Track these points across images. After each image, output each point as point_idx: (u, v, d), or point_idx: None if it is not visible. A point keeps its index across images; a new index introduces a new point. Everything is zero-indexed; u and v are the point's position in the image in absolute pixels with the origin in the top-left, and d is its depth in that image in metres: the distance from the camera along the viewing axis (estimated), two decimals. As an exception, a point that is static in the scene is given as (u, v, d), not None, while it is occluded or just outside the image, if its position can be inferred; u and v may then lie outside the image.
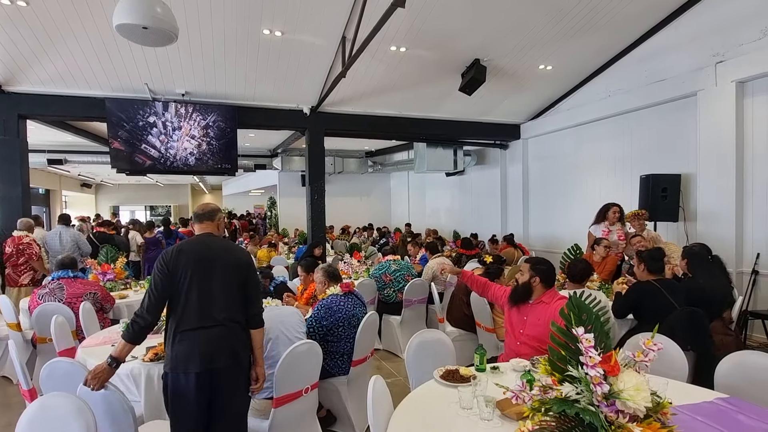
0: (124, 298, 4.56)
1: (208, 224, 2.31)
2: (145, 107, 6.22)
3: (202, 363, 2.04)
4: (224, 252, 2.25)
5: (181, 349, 2.06)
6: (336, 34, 5.28)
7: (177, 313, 2.11)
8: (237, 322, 2.18)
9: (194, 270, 2.12)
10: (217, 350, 2.08)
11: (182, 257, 2.14)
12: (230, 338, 2.14)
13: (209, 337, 2.08)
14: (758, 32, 4.84)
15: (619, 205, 5.28)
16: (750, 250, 5.05)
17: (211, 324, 2.10)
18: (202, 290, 2.11)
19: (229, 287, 2.17)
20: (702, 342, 2.96)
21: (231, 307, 2.16)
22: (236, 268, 2.22)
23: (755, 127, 5.01)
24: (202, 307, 2.10)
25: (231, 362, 2.12)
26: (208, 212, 2.33)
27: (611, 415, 1.34)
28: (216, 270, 2.17)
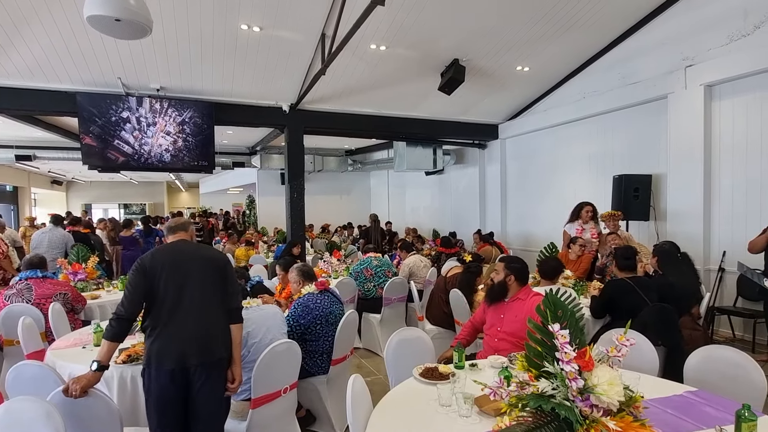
0: (97, 298, 4.43)
1: (182, 234, 2.39)
2: (118, 102, 6.04)
3: (177, 360, 2.08)
4: (198, 252, 2.32)
5: (157, 346, 2.11)
6: (315, 30, 5.23)
7: (154, 312, 2.15)
8: (214, 320, 2.22)
9: (170, 269, 2.17)
10: (191, 348, 2.11)
11: (158, 257, 2.19)
12: (206, 336, 2.17)
13: (184, 334, 2.13)
14: (725, 38, 5.03)
15: (592, 204, 5.42)
16: (717, 248, 5.25)
17: (187, 321, 2.14)
18: (178, 289, 2.15)
19: (204, 285, 2.22)
20: (672, 337, 3.06)
21: (208, 306, 2.21)
22: (211, 267, 2.27)
23: (722, 130, 5.21)
24: (178, 305, 2.14)
25: (206, 360, 2.14)
26: (181, 224, 2.43)
27: (586, 409, 1.37)
28: (191, 269, 2.21)
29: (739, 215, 5.04)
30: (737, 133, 5.06)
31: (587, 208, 5.37)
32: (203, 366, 2.13)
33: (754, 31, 4.78)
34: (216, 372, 2.19)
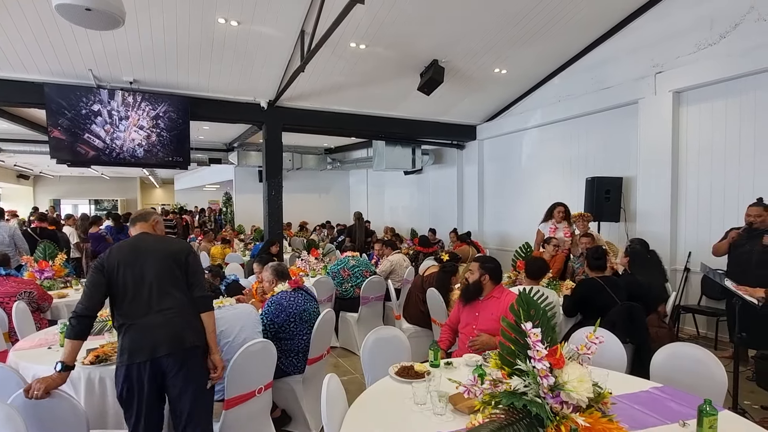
0: (64, 297, 4.28)
1: (143, 225, 2.40)
2: (89, 94, 5.84)
3: (149, 352, 2.07)
4: (156, 244, 2.31)
5: (127, 342, 2.10)
6: (295, 26, 5.18)
7: (119, 309, 2.16)
8: (179, 310, 2.19)
9: (127, 264, 2.17)
10: (159, 338, 2.10)
11: (115, 253, 2.20)
12: (172, 325, 2.14)
13: (151, 326, 2.12)
14: (693, 46, 5.22)
15: (565, 205, 5.58)
16: (683, 249, 5.45)
17: (152, 314, 2.14)
18: (137, 283, 2.16)
19: (165, 276, 2.20)
20: (639, 335, 3.17)
21: (170, 295, 2.19)
22: (170, 257, 2.25)
23: (689, 135, 5.41)
24: (140, 299, 2.15)
25: (176, 349, 2.11)
26: (141, 216, 2.44)
27: (556, 406, 1.41)
28: (149, 261, 2.20)
29: (704, 218, 5.24)
30: (703, 139, 5.26)
31: (559, 208, 5.53)
32: (175, 355, 2.10)
33: (719, 41, 4.97)
34: (191, 361, 2.16)
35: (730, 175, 5.02)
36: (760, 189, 4.70)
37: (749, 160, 4.84)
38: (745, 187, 4.85)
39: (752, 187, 4.79)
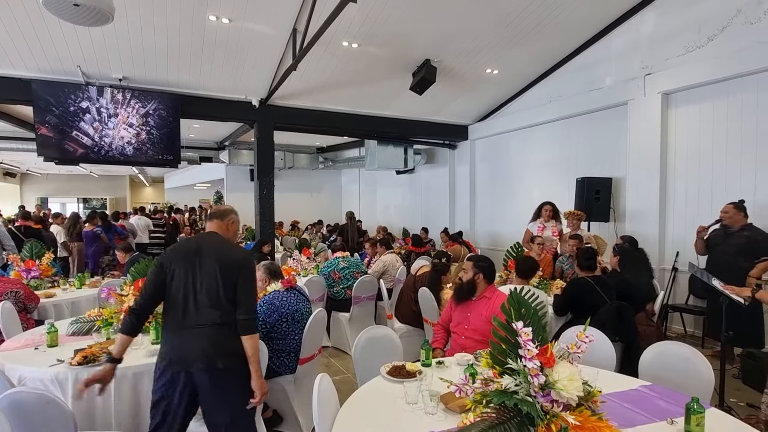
0: (51, 297, 4.23)
1: (217, 224, 2.33)
2: (78, 91, 5.76)
3: (182, 364, 2.06)
4: (215, 252, 2.19)
5: (165, 348, 2.12)
6: (287, 24, 5.16)
7: (166, 311, 2.16)
8: (218, 327, 2.10)
9: (180, 268, 2.14)
10: (191, 353, 2.06)
11: (174, 254, 2.19)
12: (206, 343, 2.07)
13: (187, 338, 2.08)
14: (682, 48, 5.28)
15: (552, 203, 5.70)
16: (671, 249, 5.52)
17: (191, 326, 2.09)
18: (186, 289, 2.12)
19: (213, 290, 2.12)
20: (628, 334, 3.21)
21: (213, 311, 2.11)
22: (225, 269, 2.14)
23: (677, 136, 5.47)
24: (184, 307, 2.11)
25: (205, 367, 2.06)
26: (219, 213, 2.37)
27: (546, 404, 1.42)
28: (203, 270, 2.14)
29: (691, 218, 5.31)
30: (691, 140, 5.33)
31: (546, 207, 5.67)
32: (206, 372, 2.06)
33: (707, 44, 5.04)
34: (223, 382, 2.08)
35: (717, 175, 5.09)
36: (746, 189, 4.78)
37: (736, 161, 4.92)
38: (732, 188, 4.93)
39: (738, 187, 4.86)
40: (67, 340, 2.91)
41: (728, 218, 4.23)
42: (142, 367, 2.48)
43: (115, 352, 2.11)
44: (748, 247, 4.00)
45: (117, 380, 2.39)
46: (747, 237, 4.06)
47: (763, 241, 3.99)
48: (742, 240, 4.08)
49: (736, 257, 4.06)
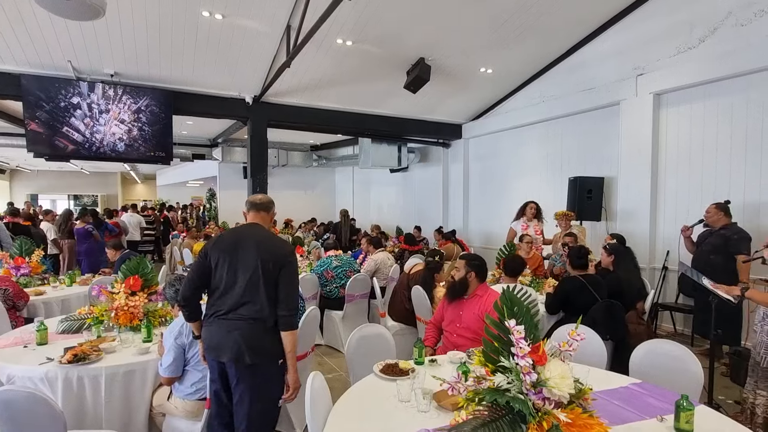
0: (41, 294, 4.18)
1: (262, 216, 2.34)
2: (68, 87, 5.70)
3: (215, 353, 2.13)
4: (258, 245, 2.18)
5: (204, 334, 2.20)
6: (281, 21, 5.13)
7: (209, 298, 2.22)
8: (254, 321, 2.11)
9: (223, 259, 2.17)
10: (223, 344, 2.10)
11: (220, 244, 2.21)
12: (238, 336, 2.09)
13: (222, 329, 2.12)
14: (673, 49, 5.32)
15: (536, 203, 5.82)
16: (661, 248, 5.57)
17: (228, 317, 2.12)
18: (227, 282, 2.15)
19: (254, 283, 2.12)
20: (619, 332, 3.24)
21: (251, 304, 2.11)
22: (267, 264, 2.14)
23: (668, 136, 5.52)
24: (223, 298, 2.15)
25: (234, 360, 2.08)
26: (262, 204, 2.35)
27: (538, 402, 1.43)
28: (246, 263, 2.14)
29: (682, 217, 5.36)
30: (682, 140, 5.38)
31: (531, 205, 5.78)
32: (234, 365, 2.09)
33: (698, 44, 5.09)
34: (249, 375, 2.10)
35: (708, 175, 5.15)
36: (735, 189, 4.84)
37: (725, 162, 4.98)
38: (721, 188, 4.98)
39: (728, 187, 4.92)
40: (56, 338, 2.88)
41: (709, 218, 4.35)
42: (133, 366, 2.47)
43: (195, 331, 2.27)
44: (724, 246, 4.11)
45: (107, 378, 2.38)
46: (723, 236, 4.17)
47: (737, 239, 4.07)
48: (719, 239, 4.18)
49: (711, 255, 4.18)
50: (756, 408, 2.61)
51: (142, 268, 3.31)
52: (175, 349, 2.34)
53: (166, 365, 2.34)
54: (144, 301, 3.13)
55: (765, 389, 2.58)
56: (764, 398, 2.58)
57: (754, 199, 4.67)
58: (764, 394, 2.58)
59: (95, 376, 2.37)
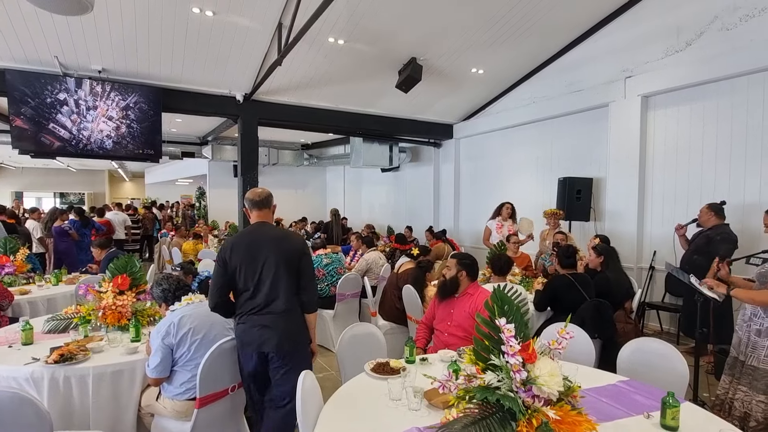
0: (26, 294, 4.11)
1: (266, 212, 2.52)
2: (55, 83, 5.60)
3: (257, 346, 2.35)
4: (275, 242, 2.42)
5: (239, 331, 2.39)
6: (272, 19, 5.10)
7: (237, 299, 2.42)
8: (286, 312, 2.39)
9: (244, 262, 2.37)
10: (265, 337, 2.34)
11: (235, 249, 2.39)
12: (275, 328, 2.36)
13: (259, 324, 2.35)
14: (661, 52, 5.40)
15: (511, 203, 6.09)
16: (648, 248, 5.65)
17: (261, 313, 2.36)
18: (253, 282, 2.36)
19: (279, 279, 2.37)
20: (607, 330, 3.28)
21: (280, 299, 2.37)
22: (286, 260, 2.39)
23: (656, 138, 5.60)
24: (252, 297, 2.36)
25: (275, 349, 2.36)
26: (265, 200, 2.51)
27: (528, 399, 1.44)
28: (268, 263, 2.37)
29: (668, 218, 5.45)
30: (669, 142, 5.46)
31: (506, 206, 6.07)
32: (278, 353, 2.36)
33: (686, 48, 5.17)
34: (288, 359, 2.38)
35: (694, 176, 5.23)
36: (720, 191, 4.92)
37: (711, 164, 5.06)
38: (707, 189, 5.07)
39: (713, 188, 5.01)
40: (42, 338, 2.84)
41: (700, 218, 4.42)
42: (121, 366, 2.44)
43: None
44: (706, 246, 4.18)
45: (95, 378, 2.35)
46: (707, 236, 4.24)
47: (719, 240, 4.13)
48: (703, 240, 4.25)
49: (694, 255, 4.26)
50: (734, 402, 2.67)
51: (130, 267, 3.28)
52: (162, 350, 2.32)
53: (154, 366, 2.32)
54: (132, 301, 3.10)
55: (746, 385, 2.63)
56: (743, 393, 2.63)
57: (739, 200, 4.76)
58: (744, 390, 2.63)
59: (82, 376, 2.34)
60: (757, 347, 2.60)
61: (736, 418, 2.64)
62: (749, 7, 4.63)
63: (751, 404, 2.59)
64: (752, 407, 2.58)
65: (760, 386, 2.56)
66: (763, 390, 2.54)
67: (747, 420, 2.59)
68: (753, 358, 2.61)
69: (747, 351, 2.65)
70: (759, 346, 2.60)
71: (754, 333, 2.63)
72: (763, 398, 2.54)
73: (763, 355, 2.57)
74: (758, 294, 2.61)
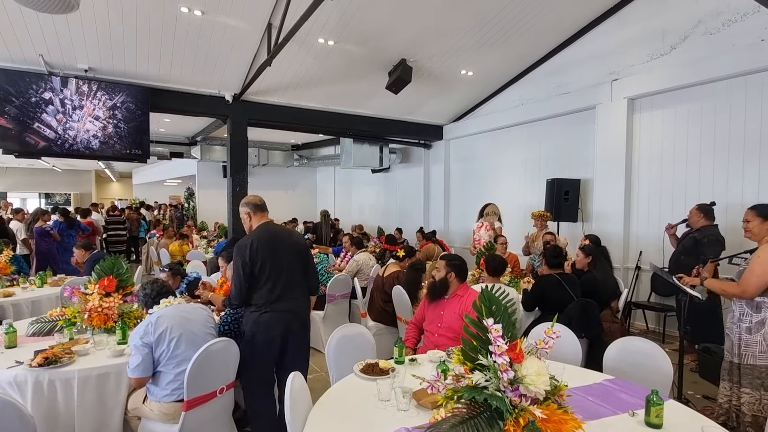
0: (10, 296, 4.04)
1: (267, 214, 2.87)
2: (40, 81, 5.52)
3: (284, 328, 2.68)
4: (287, 237, 2.84)
5: (266, 318, 2.65)
6: (262, 19, 5.08)
7: (259, 293, 2.67)
8: (302, 296, 2.82)
9: (264, 260, 2.65)
10: (290, 320, 2.71)
11: (259, 248, 2.65)
12: (298, 310, 2.77)
13: (283, 310, 2.68)
14: (647, 56, 5.49)
15: (495, 205, 6.43)
16: (635, 248, 5.73)
17: (284, 299, 2.69)
18: (274, 276, 2.66)
19: (293, 271, 2.75)
20: (593, 330, 3.32)
21: (296, 285, 2.76)
22: (295, 254, 2.79)
23: (641, 140, 5.69)
24: (274, 289, 2.66)
25: (301, 328, 2.80)
26: (264, 203, 2.90)
27: (515, 399, 1.45)
28: (280, 258, 2.70)
29: (654, 219, 5.54)
30: (654, 144, 5.55)
31: (491, 206, 6.35)
32: (300, 332, 2.79)
33: (670, 51, 5.26)
34: (306, 335, 2.88)
35: (678, 178, 5.32)
36: (704, 192, 5.01)
37: (695, 165, 5.15)
38: (691, 190, 5.16)
39: (697, 190, 5.10)
40: (26, 340, 2.79)
41: (690, 219, 4.46)
42: (107, 368, 2.41)
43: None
44: (694, 248, 4.22)
45: (80, 381, 2.32)
46: (694, 238, 4.29)
47: (706, 242, 4.18)
48: (690, 241, 4.31)
49: (681, 256, 4.31)
50: (742, 407, 2.63)
51: (117, 269, 3.24)
52: (141, 349, 2.30)
53: (134, 365, 2.29)
54: (119, 302, 3.07)
55: (748, 386, 2.62)
56: (748, 395, 2.61)
57: (722, 201, 4.84)
58: (748, 392, 2.61)
59: (67, 380, 2.31)
60: (750, 344, 2.62)
61: (749, 425, 2.59)
62: (732, 13, 4.72)
63: (761, 404, 2.56)
64: (763, 407, 2.55)
65: (765, 383, 2.55)
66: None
67: (759, 422, 2.55)
68: (748, 356, 2.64)
69: (741, 351, 2.67)
70: (752, 343, 2.61)
71: (745, 331, 2.66)
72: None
73: (759, 351, 2.59)
74: (728, 285, 2.67)
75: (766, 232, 2.63)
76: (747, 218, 2.72)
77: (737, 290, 2.61)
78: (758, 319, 2.61)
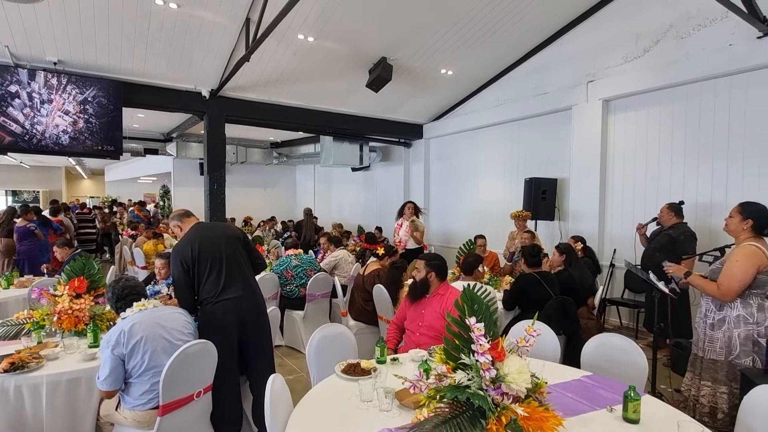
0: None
1: (193, 217, 2.94)
2: (5, 74, 5.27)
3: (238, 314, 2.69)
4: (221, 229, 2.97)
5: (220, 308, 2.66)
6: (240, 13, 4.98)
7: (202, 288, 2.69)
8: (251, 279, 2.86)
9: (209, 251, 2.70)
10: (246, 304, 2.74)
11: (197, 246, 2.69)
12: (252, 294, 2.80)
13: (238, 296, 2.70)
14: (620, 58, 5.62)
15: (414, 202, 6.58)
16: (609, 246, 5.87)
17: (233, 292, 2.69)
18: (218, 265, 2.70)
19: (235, 254, 2.79)
20: (572, 327, 3.38)
21: (244, 274, 2.79)
22: (236, 237, 2.89)
23: (616, 141, 5.83)
24: (220, 276, 2.69)
25: (257, 311, 2.82)
26: (187, 211, 2.96)
27: (497, 397, 1.46)
28: (223, 244, 2.77)
29: (627, 217, 5.68)
30: (627, 145, 5.69)
31: (409, 205, 6.51)
32: (258, 318, 2.82)
33: (643, 54, 5.40)
34: (265, 318, 2.88)
35: (651, 178, 5.47)
36: (675, 191, 5.17)
37: (666, 166, 5.31)
38: (663, 190, 5.31)
39: (669, 189, 5.25)
40: (-9, 345, 2.67)
41: (661, 217, 4.61)
42: (78, 373, 2.33)
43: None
44: (670, 245, 4.35)
45: (49, 387, 2.23)
46: (669, 235, 4.43)
47: (683, 239, 4.34)
48: (665, 238, 4.44)
49: (656, 253, 4.41)
50: (701, 398, 2.75)
51: (88, 269, 3.13)
52: (111, 361, 2.18)
53: (103, 378, 2.17)
54: (90, 304, 2.96)
55: (709, 380, 2.73)
56: (708, 388, 2.72)
57: (692, 200, 5.00)
58: (709, 384, 2.72)
59: (35, 385, 2.22)
60: (713, 340, 2.73)
61: (705, 414, 2.71)
62: (702, 18, 4.87)
63: (716, 397, 2.68)
64: (717, 400, 2.67)
65: (721, 378, 2.67)
66: (724, 381, 2.65)
67: (715, 414, 2.67)
68: (710, 351, 2.74)
69: (704, 346, 2.78)
70: (714, 339, 2.72)
71: (709, 327, 2.76)
72: (725, 389, 2.64)
73: (718, 347, 2.70)
74: (707, 284, 2.76)
75: (742, 230, 2.70)
76: (731, 213, 2.80)
77: (718, 294, 2.68)
78: (719, 317, 2.71)
